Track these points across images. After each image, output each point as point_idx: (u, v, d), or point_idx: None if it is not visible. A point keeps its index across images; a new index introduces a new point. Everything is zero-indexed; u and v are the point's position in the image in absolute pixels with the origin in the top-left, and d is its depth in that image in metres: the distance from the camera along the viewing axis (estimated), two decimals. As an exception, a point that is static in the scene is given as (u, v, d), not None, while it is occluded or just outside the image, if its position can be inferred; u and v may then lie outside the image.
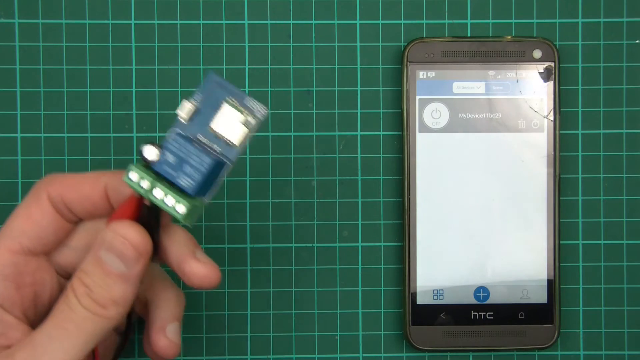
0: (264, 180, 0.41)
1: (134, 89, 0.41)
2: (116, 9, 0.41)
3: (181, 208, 0.28)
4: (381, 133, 0.41)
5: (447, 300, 0.40)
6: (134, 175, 0.29)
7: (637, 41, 0.42)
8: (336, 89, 0.41)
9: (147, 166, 0.29)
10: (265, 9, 0.41)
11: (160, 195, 0.29)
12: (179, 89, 0.41)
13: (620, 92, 0.42)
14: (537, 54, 0.40)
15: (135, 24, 0.41)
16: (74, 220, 0.32)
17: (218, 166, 0.29)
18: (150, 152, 0.29)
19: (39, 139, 0.41)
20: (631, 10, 0.42)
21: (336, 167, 0.41)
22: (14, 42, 0.41)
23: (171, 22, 0.41)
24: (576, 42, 0.42)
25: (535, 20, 0.41)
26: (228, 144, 0.30)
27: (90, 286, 0.29)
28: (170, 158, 0.29)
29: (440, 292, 0.41)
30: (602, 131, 0.42)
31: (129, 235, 0.29)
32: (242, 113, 0.29)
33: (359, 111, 0.41)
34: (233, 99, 0.29)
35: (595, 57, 0.42)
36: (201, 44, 0.41)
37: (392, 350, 0.41)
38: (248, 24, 0.41)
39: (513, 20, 0.41)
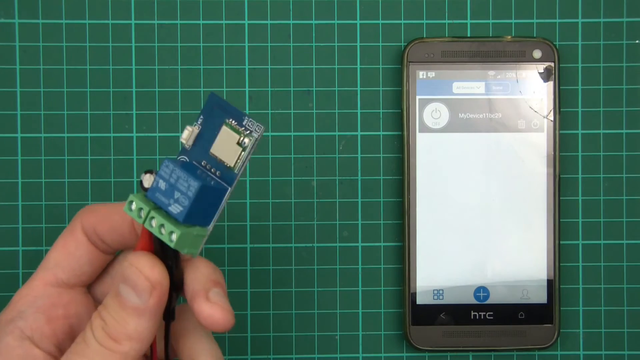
0: (264, 180, 0.41)
1: (134, 89, 0.41)
2: (116, 9, 0.41)
3: (173, 236, 0.27)
4: (381, 133, 0.41)
5: (447, 300, 0.40)
6: (133, 205, 0.28)
7: (637, 41, 0.42)
8: (336, 89, 0.41)
9: (145, 191, 0.28)
10: (265, 9, 0.41)
11: (156, 224, 0.28)
12: (179, 89, 0.41)
13: (620, 92, 0.42)
14: (537, 54, 0.40)
15: (135, 24, 0.41)
16: (109, 251, 0.31)
17: (212, 190, 0.28)
18: (148, 180, 0.28)
19: (39, 139, 0.41)
20: (631, 10, 0.42)
21: (336, 167, 0.41)
22: (14, 42, 0.41)
23: (171, 22, 0.41)
24: (576, 42, 0.42)
25: (535, 20, 0.41)
26: (227, 168, 0.29)
27: (105, 319, 0.28)
28: (162, 185, 0.28)
29: (440, 292, 0.41)
30: (602, 131, 0.42)
31: (142, 266, 0.28)
32: (239, 134, 0.29)
33: (359, 111, 0.41)
34: (232, 121, 0.29)
35: (595, 57, 0.42)
36: (201, 44, 0.41)
37: (392, 350, 0.41)
38: (248, 24, 0.41)
39: (513, 20, 0.41)
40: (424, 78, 0.40)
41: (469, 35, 0.41)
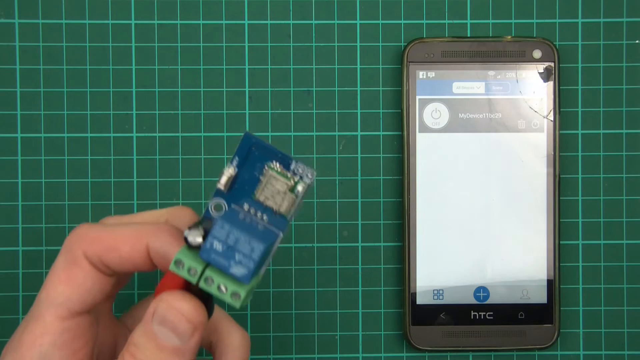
0: (264, 180, 0.41)
1: (134, 89, 0.41)
2: (116, 9, 0.41)
3: (237, 297, 0.27)
4: (381, 133, 0.41)
5: (447, 300, 0.40)
6: (181, 264, 0.27)
7: (637, 41, 0.42)
8: (336, 89, 0.41)
9: (193, 248, 0.27)
10: (265, 9, 0.41)
11: (213, 283, 0.27)
12: (179, 89, 0.41)
13: (620, 92, 0.42)
14: (537, 54, 0.40)
15: (135, 24, 0.41)
16: (115, 274, 0.31)
17: (270, 245, 0.27)
18: (195, 237, 0.27)
19: (39, 139, 0.41)
20: (631, 10, 0.42)
21: (336, 167, 0.41)
22: (14, 42, 0.41)
23: (171, 22, 0.41)
24: (576, 42, 0.42)
25: (535, 20, 0.41)
26: (276, 214, 0.28)
27: None
28: (218, 246, 0.26)
29: (440, 292, 0.41)
30: (602, 131, 0.42)
31: (184, 308, 0.27)
32: (288, 179, 0.28)
33: (359, 111, 0.41)
34: (276, 164, 0.28)
35: (595, 57, 0.42)
36: (201, 44, 0.41)
37: (392, 350, 0.41)
38: (248, 24, 0.41)
39: (513, 20, 0.41)
40: (424, 78, 0.40)
41: (469, 35, 0.41)
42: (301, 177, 0.28)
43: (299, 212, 0.28)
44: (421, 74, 0.40)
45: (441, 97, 0.40)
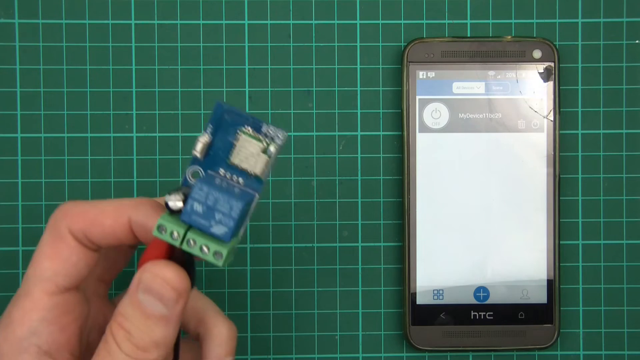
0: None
1: (134, 89, 0.41)
2: (116, 9, 0.41)
3: (219, 256, 0.28)
4: (381, 133, 0.41)
5: (447, 300, 0.40)
6: (163, 229, 0.28)
7: (637, 41, 0.42)
8: (336, 89, 0.41)
9: (174, 213, 0.28)
10: (265, 9, 0.41)
11: (195, 244, 0.28)
12: (179, 89, 0.41)
13: (620, 92, 0.42)
14: (537, 54, 0.40)
15: (135, 24, 0.41)
16: (99, 249, 0.31)
17: (247, 204, 0.28)
18: (175, 202, 0.28)
19: (39, 139, 0.41)
20: (631, 10, 0.42)
21: (336, 167, 0.41)
22: (14, 42, 0.41)
23: (171, 22, 0.41)
24: (576, 42, 0.42)
25: (535, 20, 0.41)
26: (251, 176, 0.29)
27: (130, 330, 0.28)
28: (199, 207, 0.28)
29: (440, 292, 0.41)
30: (602, 131, 0.42)
31: (167, 276, 0.28)
32: (260, 142, 0.29)
33: (359, 111, 0.41)
34: (248, 128, 0.29)
35: (595, 57, 0.42)
36: (201, 44, 0.41)
37: (392, 350, 0.41)
38: (248, 24, 0.41)
39: (513, 20, 0.41)
40: (424, 78, 0.40)
41: (469, 35, 0.41)
42: (273, 139, 0.29)
43: (272, 172, 0.29)
44: (421, 74, 0.40)
45: (441, 97, 0.40)
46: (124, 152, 0.41)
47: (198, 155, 0.29)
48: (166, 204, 0.28)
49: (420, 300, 0.40)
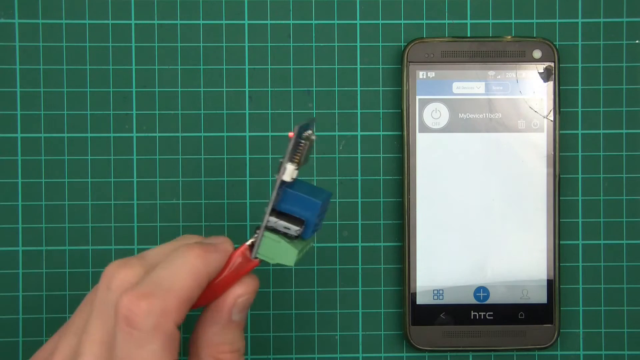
0: (263, 180, 0.41)
1: (134, 89, 0.41)
2: (116, 9, 0.41)
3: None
4: (381, 133, 0.41)
5: (447, 300, 0.40)
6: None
7: (637, 41, 0.42)
8: (336, 89, 0.41)
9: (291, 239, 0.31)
10: (265, 9, 0.41)
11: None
12: (179, 89, 0.41)
13: (620, 92, 0.42)
14: (537, 54, 0.40)
15: (135, 24, 0.41)
16: None
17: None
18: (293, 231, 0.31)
19: (39, 139, 0.41)
20: (631, 10, 0.42)
21: (336, 167, 0.41)
22: (14, 42, 0.41)
23: (171, 22, 0.41)
24: (576, 42, 0.42)
25: (535, 20, 0.41)
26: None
27: (239, 350, 0.30)
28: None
29: (440, 292, 0.41)
30: (602, 131, 0.42)
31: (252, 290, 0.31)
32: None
33: (359, 111, 0.41)
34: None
35: (595, 57, 0.42)
36: (201, 44, 0.41)
37: (392, 350, 0.41)
38: (248, 24, 0.41)
39: (513, 20, 0.41)
40: (424, 78, 0.40)
41: (469, 35, 0.41)
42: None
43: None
44: (421, 74, 0.40)
45: (441, 97, 0.40)
46: (124, 152, 0.41)
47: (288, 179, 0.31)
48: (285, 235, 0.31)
49: (420, 300, 0.40)
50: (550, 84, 0.40)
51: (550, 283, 0.40)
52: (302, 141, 0.30)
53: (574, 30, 0.42)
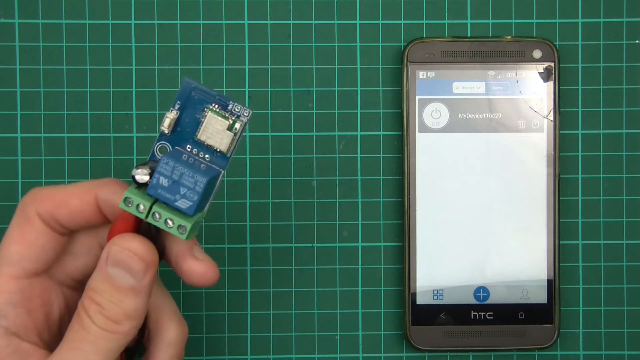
0: (264, 180, 0.41)
1: (134, 89, 0.41)
2: (116, 9, 0.41)
3: (183, 229, 0.29)
4: (381, 133, 0.41)
5: (447, 300, 0.40)
6: (130, 201, 0.29)
7: (637, 41, 0.42)
8: (336, 89, 0.41)
9: (141, 187, 0.29)
10: (265, 9, 0.41)
11: (160, 218, 0.29)
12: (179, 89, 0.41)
13: (620, 92, 0.42)
14: (537, 54, 0.40)
15: (135, 24, 0.41)
16: (67, 232, 0.32)
17: (212, 179, 0.29)
18: (142, 175, 0.29)
19: (39, 139, 0.41)
20: (631, 10, 0.42)
21: (336, 167, 0.41)
22: (14, 42, 0.41)
23: (171, 22, 0.41)
24: (576, 42, 0.42)
25: (535, 20, 0.41)
26: (217, 152, 0.30)
27: (101, 303, 0.28)
28: (164, 182, 0.28)
29: (440, 292, 0.41)
30: (602, 131, 0.42)
31: (134, 247, 0.29)
32: (226, 119, 0.29)
33: (359, 111, 0.41)
34: (215, 105, 0.30)
35: (595, 57, 0.42)
36: (201, 44, 0.41)
37: (392, 350, 0.41)
38: (248, 24, 0.41)
39: (513, 20, 0.41)
40: (424, 78, 0.40)
41: (469, 35, 0.41)
42: (238, 116, 0.30)
43: (237, 150, 0.30)
44: (421, 74, 0.40)
45: (441, 97, 0.40)
46: (124, 152, 0.41)
47: (165, 130, 0.30)
48: (133, 177, 0.29)
49: (420, 300, 0.40)
50: (550, 84, 0.40)
51: (550, 283, 0.40)
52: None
53: (574, 30, 0.42)
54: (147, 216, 0.29)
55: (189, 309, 0.41)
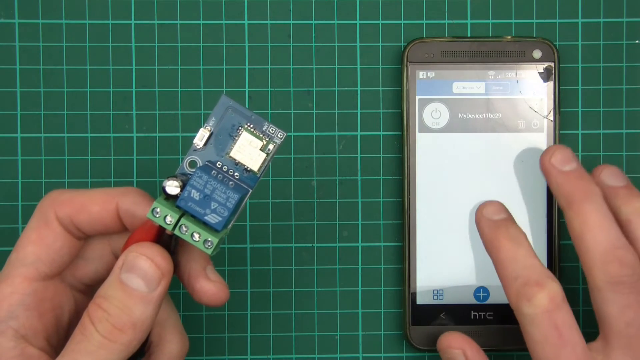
0: (264, 180, 0.41)
1: (134, 89, 0.41)
2: (116, 9, 0.41)
3: (209, 244, 0.29)
4: (381, 133, 0.41)
5: (447, 300, 0.40)
6: (158, 212, 0.29)
7: (637, 41, 0.42)
8: (336, 89, 0.41)
9: (169, 198, 0.29)
10: (265, 9, 0.41)
11: (187, 231, 0.29)
12: (179, 89, 0.41)
13: (620, 92, 0.42)
14: (537, 54, 0.40)
15: (135, 24, 0.41)
16: (84, 237, 0.31)
17: (242, 197, 0.29)
18: (173, 187, 0.29)
19: (39, 139, 0.41)
20: (631, 10, 0.42)
21: (336, 167, 0.41)
22: (14, 42, 0.41)
23: (171, 22, 0.41)
24: (576, 42, 0.42)
25: (535, 20, 0.41)
26: (247, 171, 0.30)
27: (108, 310, 0.28)
28: (195, 195, 0.29)
29: (440, 292, 0.41)
30: (602, 131, 0.42)
31: (152, 254, 0.28)
32: (260, 140, 0.30)
33: (359, 111, 0.41)
34: (250, 125, 0.30)
35: (595, 57, 0.42)
36: (201, 44, 0.41)
37: (392, 350, 0.41)
38: (248, 24, 0.41)
39: (513, 20, 0.41)
40: (424, 78, 0.40)
41: (469, 35, 0.41)
42: (272, 138, 0.30)
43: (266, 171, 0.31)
44: (421, 74, 0.40)
45: (441, 97, 0.40)
46: (124, 152, 0.41)
47: (199, 145, 0.30)
48: (163, 189, 0.29)
49: (420, 300, 0.40)
50: (550, 84, 0.40)
51: (550, 283, 0.40)
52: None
53: (574, 30, 0.42)
54: (174, 228, 0.29)
55: (189, 309, 0.41)
